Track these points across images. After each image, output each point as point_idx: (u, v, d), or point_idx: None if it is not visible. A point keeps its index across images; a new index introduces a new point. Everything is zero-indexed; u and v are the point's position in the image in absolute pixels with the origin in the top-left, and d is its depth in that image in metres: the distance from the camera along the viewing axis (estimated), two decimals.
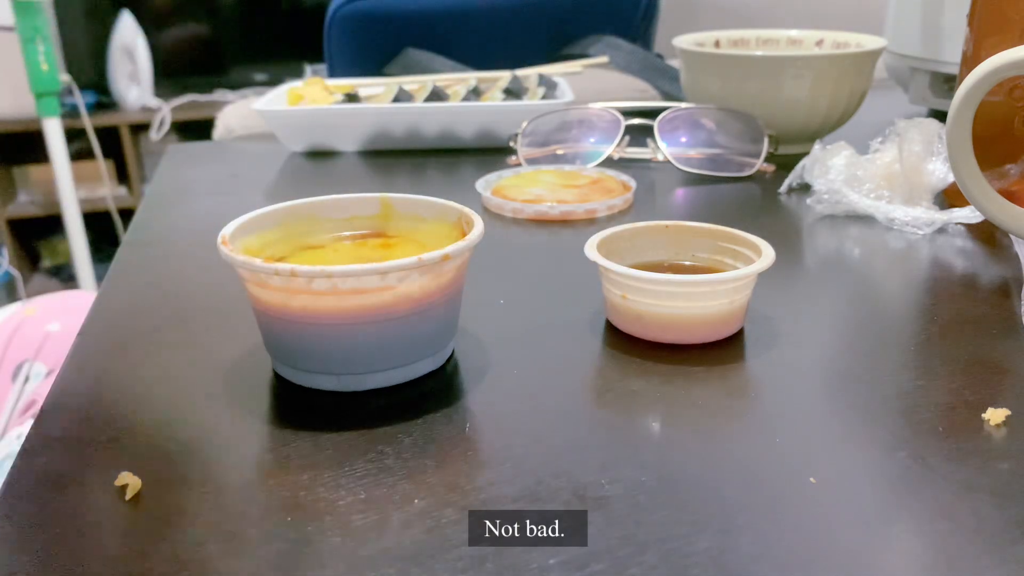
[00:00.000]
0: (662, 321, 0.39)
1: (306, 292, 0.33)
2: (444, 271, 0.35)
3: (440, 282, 0.35)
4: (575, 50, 1.09)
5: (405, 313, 0.35)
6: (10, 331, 0.68)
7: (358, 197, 0.42)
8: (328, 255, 0.40)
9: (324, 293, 0.33)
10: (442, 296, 0.36)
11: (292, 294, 0.34)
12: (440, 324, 0.37)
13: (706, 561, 0.26)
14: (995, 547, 0.27)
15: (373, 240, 0.41)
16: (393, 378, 0.36)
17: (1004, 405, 0.34)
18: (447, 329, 0.38)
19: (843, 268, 0.51)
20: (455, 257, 0.35)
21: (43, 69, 1.89)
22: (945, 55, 0.76)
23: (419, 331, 0.36)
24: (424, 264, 0.34)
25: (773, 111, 0.69)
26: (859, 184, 0.58)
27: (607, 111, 0.70)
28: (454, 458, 0.32)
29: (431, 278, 0.35)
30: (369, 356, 0.35)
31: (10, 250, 2.27)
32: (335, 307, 0.34)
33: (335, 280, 0.33)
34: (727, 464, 0.31)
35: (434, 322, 0.36)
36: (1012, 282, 0.47)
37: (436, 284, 0.35)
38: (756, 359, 0.39)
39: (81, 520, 0.29)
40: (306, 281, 0.33)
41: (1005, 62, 0.42)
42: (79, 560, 0.27)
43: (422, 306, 0.35)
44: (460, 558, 0.27)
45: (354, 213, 0.42)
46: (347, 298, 0.33)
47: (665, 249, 0.45)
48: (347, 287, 0.33)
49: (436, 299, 0.35)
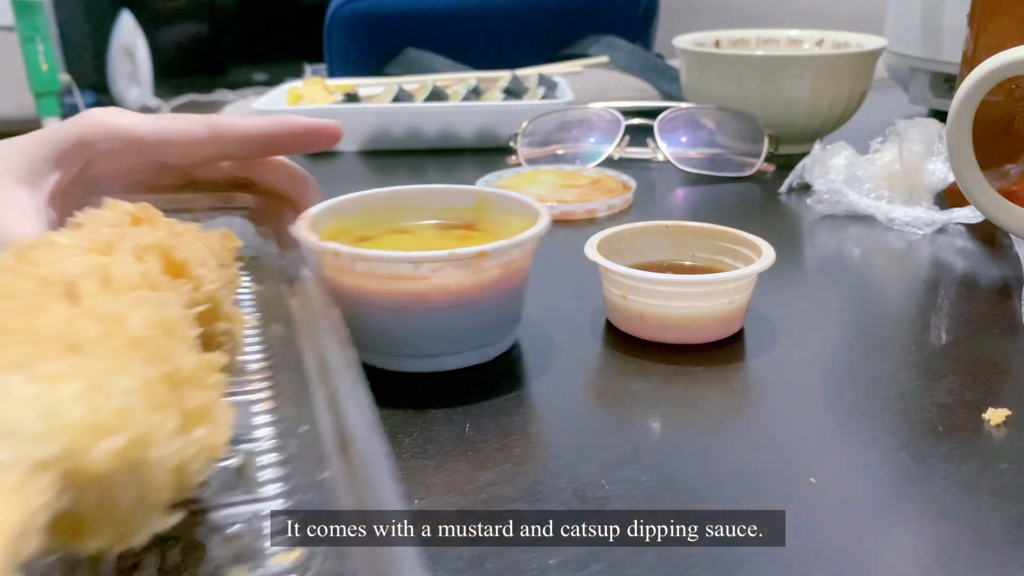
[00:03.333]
0: (662, 321, 0.39)
1: (351, 272, 0.36)
2: (483, 268, 0.35)
3: (481, 279, 0.36)
4: (575, 50, 1.09)
5: (443, 305, 0.36)
6: None
7: (455, 188, 0.43)
8: (409, 240, 0.42)
9: (365, 275, 0.35)
10: (484, 293, 0.36)
11: (341, 273, 0.36)
12: (484, 320, 0.37)
13: (706, 561, 0.26)
14: (995, 547, 0.27)
15: (459, 231, 0.42)
16: (441, 364, 0.38)
17: (1004, 405, 0.34)
18: (493, 326, 0.38)
19: (843, 268, 0.51)
20: (494, 255, 0.35)
21: (43, 69, 1.89)
22: (945, 55, 0.76)
23: (459, 324, 0.37)
24: (457, 258, 0.34)
25: (773, 111, 0.69)
26: (859, 184, 0.58)
27: (607, 111, 0.70)
28: (454, 458, 0.32)
29: (468, 273, 0.35)
30: (409, 340, 0.37)
31: None
32: (376, 289, 0.36)
33: (372, 264, 0.35)
34: (728, 464, 0.31)
35: (476, 317, 0.37)
36: (1012, 282, 0.47)
37: (476, 280, 0.36)
38: (756, 359, 0.39)
39: None
40: (350, 261, 0.35)
41: (1005, 62, 0.42)
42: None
43: (461, 300, 0.36)
44: (460, 558, 0.27)
45: (449, 204, 0.43)
46: (386, 282, 0.35)
47: (665, 249, 0.45)
48: (383, 272, 0.35)
49: (477, 295, 0.36)
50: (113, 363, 0.20)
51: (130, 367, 0.20)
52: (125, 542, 0.19)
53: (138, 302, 0.23)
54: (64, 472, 0.17)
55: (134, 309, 0.22)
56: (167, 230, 0.31)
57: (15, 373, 0.18)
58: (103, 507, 0.18)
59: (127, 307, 0.22)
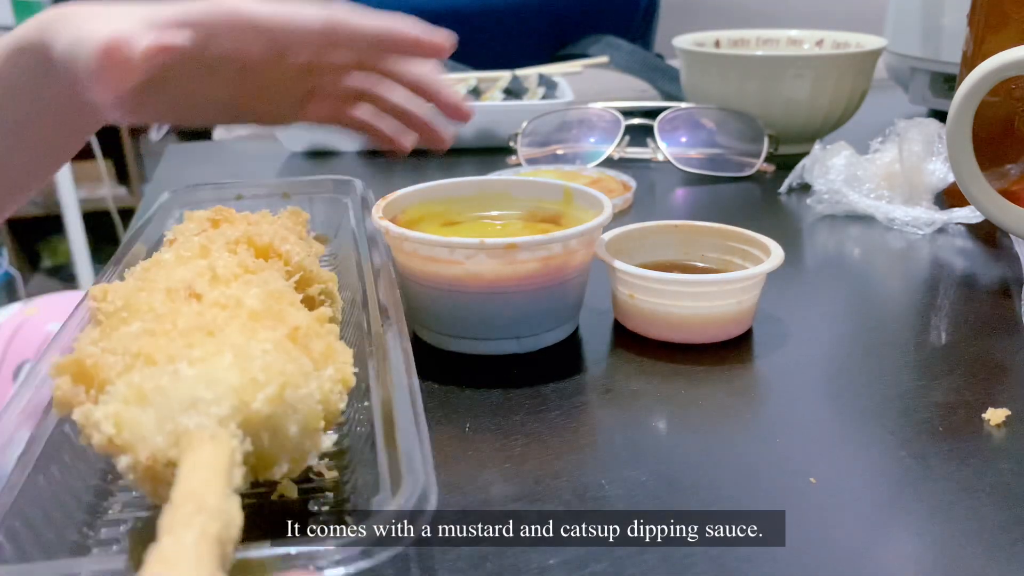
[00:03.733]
0: (670, 321, 0.39)
1: (400, 251, 0.39)
2: (517, 260, 0.37)
3: (515, 270, 0.37)
4: (575, 50, 1.09)
5: (477, 291, 0.38)
6: (11, 331, 0.68)
7: (547, 182, 0.45)
8: (492, 228, 0.44)
9: (411, 255, 0.38)
10: (521, 284, 0.37)
11: (395, 251, 0.39)
12: (521, 310, 0.38)
13: (706, 561, 0.26)
14: (995, 547, 0.27)
15: (544, 224, 0.43)
16: (475, 347, 0.40)
17: (1004, 405, 0.34)
18: (531, 318, 0.39)
19: (844, 268, 0.51)
20: (525, 248, 0.36)
21: None
22: (945, 55, 0.76)
23: (495, 312, 0.38)
24: (487, 248, 0.36)
25: (773, 111, 0.69)
26: (859, 184, 0.58)
27: (607, 111, 0.70)
28: (454, 458, 0.32)
29: (502, 264, 0.37)
30: (449, 322, 0.39)
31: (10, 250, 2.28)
32: (419, 269, 0.38)
33: (415, 245, 0.38)
34: (728, 464, 0.31)
35: (513, 307, 0.38)
36: (1012, 282, 0.47)
37: (510, 271, 0.37)
38: (762, 359, 0.39)
39: None
40: (398, 241, 0.38)
41: (1005, 62, 0.42)
42: None
43: (496, 288, 0.37)
44: (460, 558, 0.27)
45: (540, 196, 0.45)
46: (427, 264, 0.38)
47: (675, 249, 0.45)
48: (424, 254, 0.38)
49: (513, 285, 0.37)
50: (245, 334, 0.25)
51: (260, 334, 0.25)
52: (302, 464, 0.24)
53: (247, 284, 0.28)
54: (241, 422, 0.22)
55: (246, 291, 0.27)
56: (244, 223, 0.36)
57: (178, 362, 0.23)
58: (276, 441, 0.23)
59: (240, 291, 0.27)
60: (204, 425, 0.21)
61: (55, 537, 0.25)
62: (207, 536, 0.18)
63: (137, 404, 0.22)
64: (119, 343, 0.25)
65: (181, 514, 0.18)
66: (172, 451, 0.21)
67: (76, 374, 0.25)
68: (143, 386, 0.22)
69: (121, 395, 0.22)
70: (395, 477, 0.23)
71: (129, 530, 0.26)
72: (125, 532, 0.26)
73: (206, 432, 0.21)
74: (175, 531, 0.18)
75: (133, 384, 0.22)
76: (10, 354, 0.67)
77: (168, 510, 0.19)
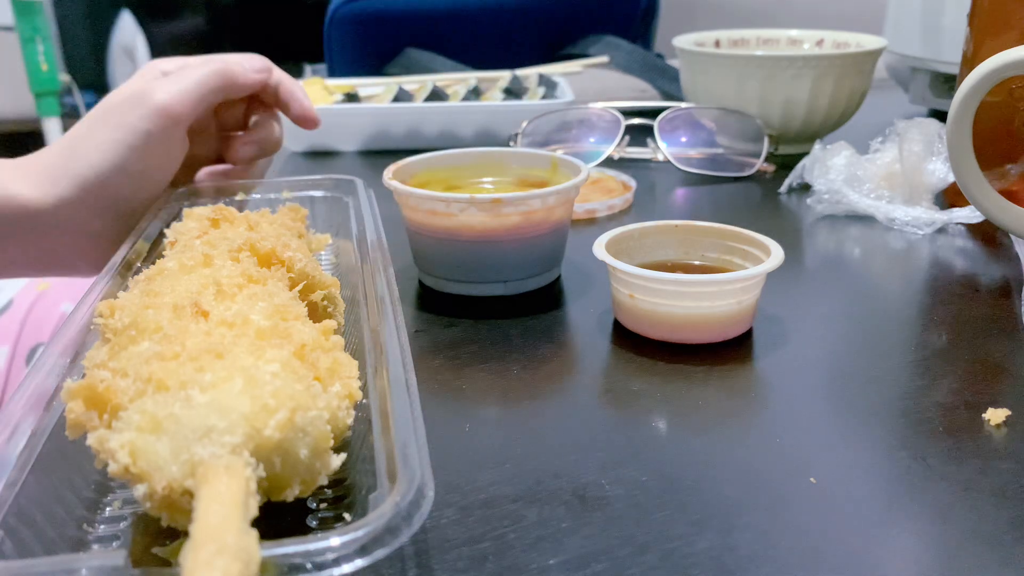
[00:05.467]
0: (670, 321, 0.39)
1: (407, 207, 0.46)
2: (502, 213, 0.43)
3: (502, 222, 0.43)
4: (575, 50, 1.09)
5: (470, 239, 0.44)
6: (24, 311, 0.67)
7: (536, 152, 0.52)
8: (487, 190, 0.51)
9: (416, 209, 0.45)
10: (507, 234, 0.44)
11: (403, 207, 0.46)
12: (508, 257, 0.45)
13: (706, 561, 0.26)
14: (995, 547, 0.27)
15: (531, 189, 0.48)
16: (469, 290, 0.46)
17: (1004, 405, 0.34)
18: (518, 264, 0.45)
19: (844, 268, 0.51)
20: (509, 203, 0.43)
21: (43, 69, 1.89)
22: (945, 55, 0.76)
23: (487, 258, 0.45)
24: (477, 202, 0.43)
25: (773, 111, 0.69)
26: (859, 184, 0.58)
27: (607, 111, 0.70)
28: (454, 458, 0.32)
29: (489, 216, 0.43)
30: (448, 266, 0.46)
31: None
32: (424, 222, 0.45)
33: (418, 200, 0.44)
34: (728, 464, 0.31)
35: (501, 254, 0.45)
36: (1012, 282, 0.47)
37: (497, 223, 0.43)
38: (762, 359, 0.39)
39: None
40: (404, 197, 0.45)
41: (1005, 62, 0.42)
42: None
43: (486, 238, 0.44)
44: (460, 558, 0.27)
45: (531, 165, 0.51)
46: (428, 217, 0.44)
47: (674, 249, 0.45)
48: (425, 207, 0.44)
49: (500, 235, 0.44)
50: (254, 355, 0.25)
51: (267, 354, 0.25)
52: (312, 485, 0.25)
53: (252, 299, 0.29)
54: (253, 449, 0.22)
55: (252, 306, 0.28)
56: (244, 223, 0.38)
57: (190, 388, 0.24)
58: (287, 465, 0.24)
59: (246, 307, 0.28)
60: (218, 455, 0.22)
61: (56, 534, 0.25)
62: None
63: (151, 432, 0.22)
64: (129, 364, 0.26)
65: (203, 556, 0.19)
66: (188, 481, 0.22)
67: (88, 399, 0.25)
68: (156, 414, 0.23)
69: (135, 423, 0.23)
70: (391, 473, 0.23)
71: (129, 525, 0.27)
72: (126, 528, 0.26)
73: (221, 462, 0.21)
74: (198, 575, 0.18)
75: (146, 412, 0.23)
76: (24, 336, 0.66)
77: (189, 549, 0.19)
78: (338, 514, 0.27)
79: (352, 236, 0.42)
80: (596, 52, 1.04)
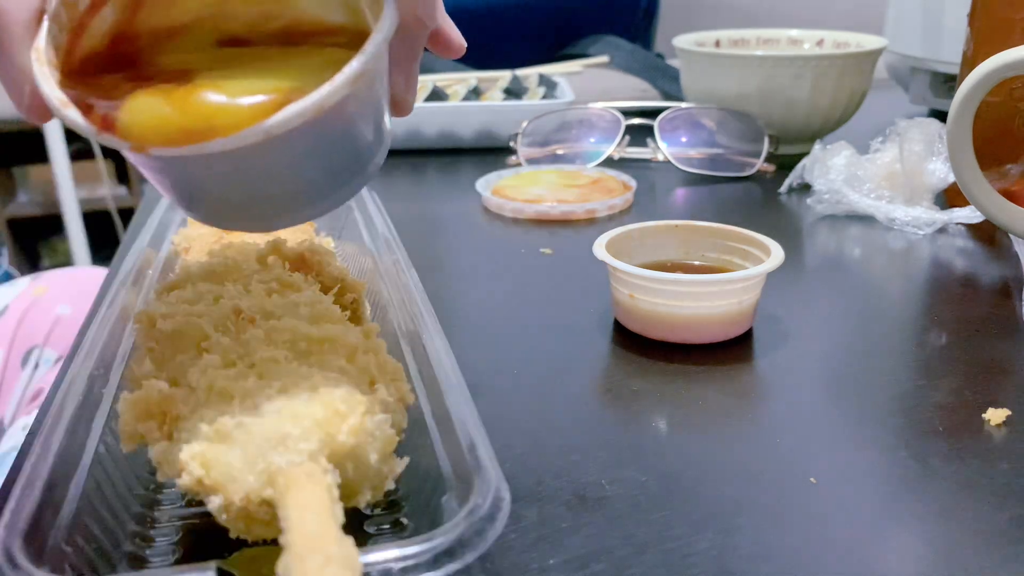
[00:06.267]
0: (670, 321, 0.39)
1: None
2: None
3: None
4: (575, 50, 1.09)
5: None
6: (19, 315, 0.67)
7: None
8: None
9: None
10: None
11: None
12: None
13: (706, 561, 0.26)
14: (995, 547, 0.27)
15: None
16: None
17: (1004, 405, 0.34)
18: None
19: (844, 268, 0.51)
20: None
21: None
22: (945, 55, 0.76)
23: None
24: None
25: (773, 111, 0.69)
26: (859, 184, 0.58)
27: (607, 111, 0.70)
28: None
29: None
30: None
31: (10, 250, 2.28)
32: None
33: None
34: (728, 464, 0.31)
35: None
36: (1012, 282, 0.47)
37: None
38: (762, 359, 0.39)
39: None
40: None
41: (1005, 62, 0.42)
42: None
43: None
44: None
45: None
46: None
47: (675, 249, 0.45)
48: None
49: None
50: (310, 362, 0.25)
51: (325, 360, 0.25)
52: (381, 490, 0.24)
53: (295, 305, 0.28)
54: (328, 455, 0.22)
55: (295, 311, 0.28)
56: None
57: (259, 396, 0.23)
58: (359, 470, 0.23)
59: (294, 320, 0.27)
60: (296, 462, 0.21)
61: (114, 550, 0.25)
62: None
63: (221, 443, 0.22)
64: (179, 374, 0.25)
65: (312, 567, 0.18)
66: (266, 491, 0.21)
67: (144, 411, 0.24)
68: (225, 424, 0.22)
69: (203, 434, 0.22)
70: (462, 476, 0.22)
71: (179, 539, 0.26)
72: (177, 541, 0.26)
73: (301, 470, 0.21)
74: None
75: (214, 422, 0.22)
76: (18, 339, 0.66)
77: (293, 560, 0.18)
78: (395, 519, 0.27)
79: (362, 237, 0.41)
80: (596, 52, 1.04)
